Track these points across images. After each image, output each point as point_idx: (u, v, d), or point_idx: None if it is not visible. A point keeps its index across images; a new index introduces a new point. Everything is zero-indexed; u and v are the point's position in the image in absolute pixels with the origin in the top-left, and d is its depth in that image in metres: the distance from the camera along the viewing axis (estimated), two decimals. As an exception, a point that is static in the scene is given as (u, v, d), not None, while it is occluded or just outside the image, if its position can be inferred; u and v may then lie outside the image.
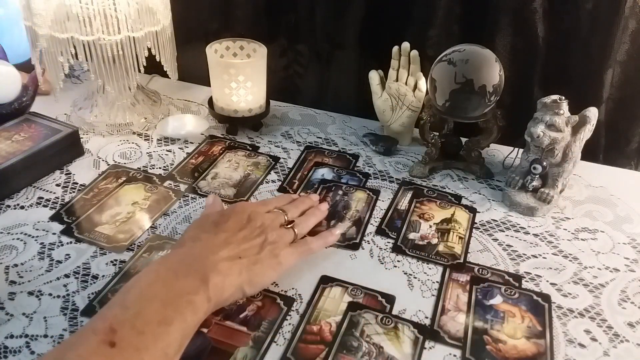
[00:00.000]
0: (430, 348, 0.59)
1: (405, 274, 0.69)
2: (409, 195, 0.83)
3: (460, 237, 0.75)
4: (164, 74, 0.96)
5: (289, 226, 0.68)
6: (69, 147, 0.85)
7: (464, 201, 0.83)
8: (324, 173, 0.87)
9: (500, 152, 0.94)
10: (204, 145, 0.93)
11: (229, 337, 0.58)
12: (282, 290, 0.65)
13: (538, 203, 0.80)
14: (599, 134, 0.97)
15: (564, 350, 0.60)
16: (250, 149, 0.93)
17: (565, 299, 0.66)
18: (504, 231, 0.77)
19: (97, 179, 0.82)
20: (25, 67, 0.96)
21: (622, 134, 0.98)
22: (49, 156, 0.82)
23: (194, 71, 1.03)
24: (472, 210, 0.80)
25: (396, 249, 0.72)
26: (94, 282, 0.65)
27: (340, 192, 0.83)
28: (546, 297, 0.66)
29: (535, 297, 0.66)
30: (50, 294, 0.63)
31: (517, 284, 0.68)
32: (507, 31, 0.93)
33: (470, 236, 0.75)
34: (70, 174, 0.83)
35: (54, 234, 0.71)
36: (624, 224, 0.80)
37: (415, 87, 0.90)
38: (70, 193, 0.79)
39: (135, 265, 0.67)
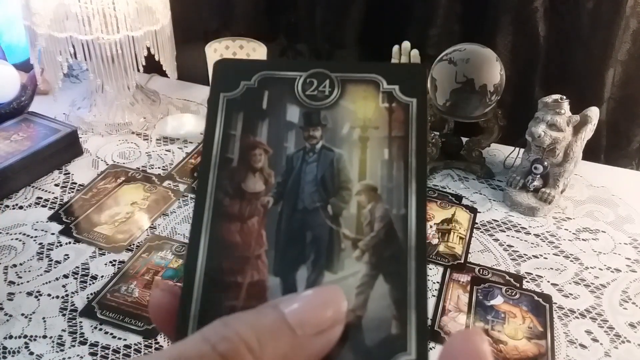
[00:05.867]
0: (430, 349, 0.59)
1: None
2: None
3: (460, 238, 0.75)
4: (163, 74, 0.96)
5: None
6: (68, 147, 0.85)
7: (464, 201, 0.83)
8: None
9: (501, 152, 0.94)
10: (204, 145, 0.92)
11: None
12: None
13: (539, 203, 0.80)
14: (600, 133, 0.97)
15: (565, 350, 0.60)
16: (250, 148, 0.92)
17: (567, 300, 0.66)
18: (504, 231, 0.77)
19: (96, 178, 0.82)
20: (24, 66, 0.95)
21: (624, 134, 0.98)
22: (47, 156, 0.82)
23: (194, 70, 1.02)
24: (473, 211, 0.80)
25: (396, 249, 0.72)
26: (93, 283, 0.64)
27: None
28: (547, 298, 0.66)
29: (536, 298, 0.65)
30: (49, 295, 0.62)
31: (518, 285, 0.68)
32: (508, 30, 0.93)
33: (470, 236, 0.75)
34: (69, 173, 0.83)
35: (52, 234, 0.71)
36: (625, 224, 0.80)
37: (416, 86, 0.90)
38: (69, 193, 0.79)
39: (134, 266, 0.67)
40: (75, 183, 0.81)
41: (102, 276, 0.65)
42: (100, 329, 0.59)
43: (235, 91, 0.26)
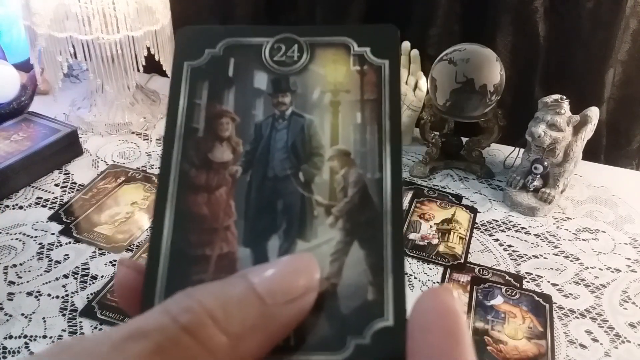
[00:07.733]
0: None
1: (406, 274, 0.69)
2: (410, 195, 0.83)
3: (460, 238, 0.75)
4: (163, 74, 0.96)
5: None
6: (68, 147, 0.85)
7: (464, 201, 0.83)
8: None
9: (501, 152, 0.94)
10: (204, 145, 0.92)
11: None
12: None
13: (539, 203, 0.80)
14: (600, 133, 0.97)
15: (565, 350, 0.60)
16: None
17: (566, 300, 0.66)
18: (504, 231, 0.77)
19: (96, 178, 0.82)
20: (24, 66, 0.95)
21: (624, 134, 0.98)
22: (47, 156, 0.82)
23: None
24: (473, 211, 0.80)
25: (396, 249, 0.72)
26: (93, 283, 0.64)
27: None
28: (547, 298, 0.66)
29: (536, 298, 0.65)
30: (49, 295, 0.62)
31: (518, 285, 0.68)
32: (508, 30, 0.93)
33: (470, 236, 0.75)
34: (69, 173, 0.83)
35: (52, 234, 0.71)
36: (625, 224, 0.80)
37: (416, 86, 0.90)
38: (69, 193, 0.79)
39: (134, 266, 0.67)
40: (75, 183, 0.81)
41: (102, 276, 0.65)
42: (101, 329, 0.59)
43: (200, 59, 0.25)
